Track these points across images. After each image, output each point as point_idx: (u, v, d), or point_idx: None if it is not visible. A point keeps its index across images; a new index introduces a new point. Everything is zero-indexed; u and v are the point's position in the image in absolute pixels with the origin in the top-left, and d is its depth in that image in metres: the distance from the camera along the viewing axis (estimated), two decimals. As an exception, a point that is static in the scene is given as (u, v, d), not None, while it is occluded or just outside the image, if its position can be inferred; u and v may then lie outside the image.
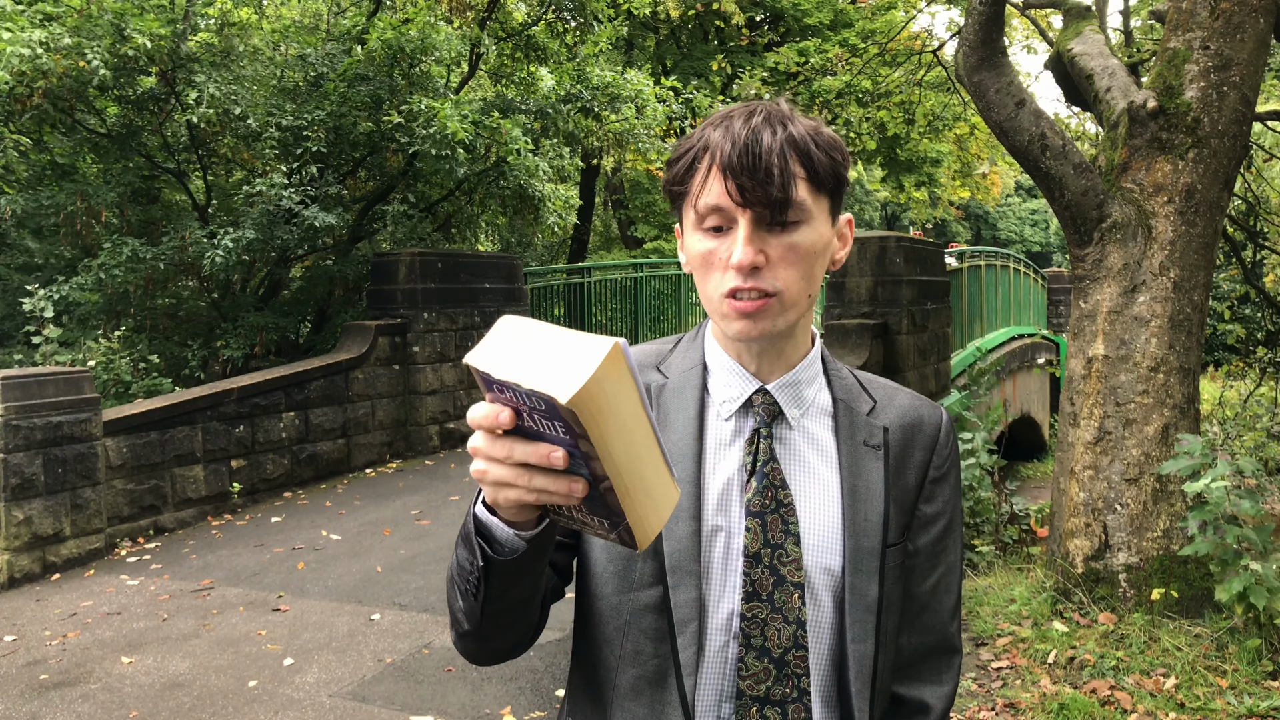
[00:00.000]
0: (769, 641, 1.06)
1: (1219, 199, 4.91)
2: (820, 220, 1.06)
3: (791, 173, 1.01)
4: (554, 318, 12.08)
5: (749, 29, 18.76)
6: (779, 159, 1.00)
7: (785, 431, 1.12)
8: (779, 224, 1.02)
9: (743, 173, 1.00)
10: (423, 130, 8.78)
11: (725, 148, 1.01)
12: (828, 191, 1.06)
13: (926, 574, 1.17)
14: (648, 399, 1.09)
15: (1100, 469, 4.86)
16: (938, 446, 1.18)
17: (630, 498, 0.82)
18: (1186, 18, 4.91)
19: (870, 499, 1.11)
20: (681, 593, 1.07)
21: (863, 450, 1.13)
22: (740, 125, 1.02)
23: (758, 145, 1.00)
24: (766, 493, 1.08)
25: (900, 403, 1.19)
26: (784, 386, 1.12)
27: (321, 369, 8.22)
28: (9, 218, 8.66)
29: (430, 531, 6.53)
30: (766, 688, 1.06)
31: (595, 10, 11.05)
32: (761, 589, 1.07)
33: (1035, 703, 3.95)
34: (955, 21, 12.69)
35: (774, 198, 1.00)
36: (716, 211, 1.03)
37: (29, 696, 4.18)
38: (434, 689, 4.14)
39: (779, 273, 1.03)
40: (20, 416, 5.83)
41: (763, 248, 1.02)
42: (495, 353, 0.80)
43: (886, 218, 53.18)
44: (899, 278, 7.43)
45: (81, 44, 7.67)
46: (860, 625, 1.09)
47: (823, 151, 1.04)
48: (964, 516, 7.07)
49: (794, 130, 1.03)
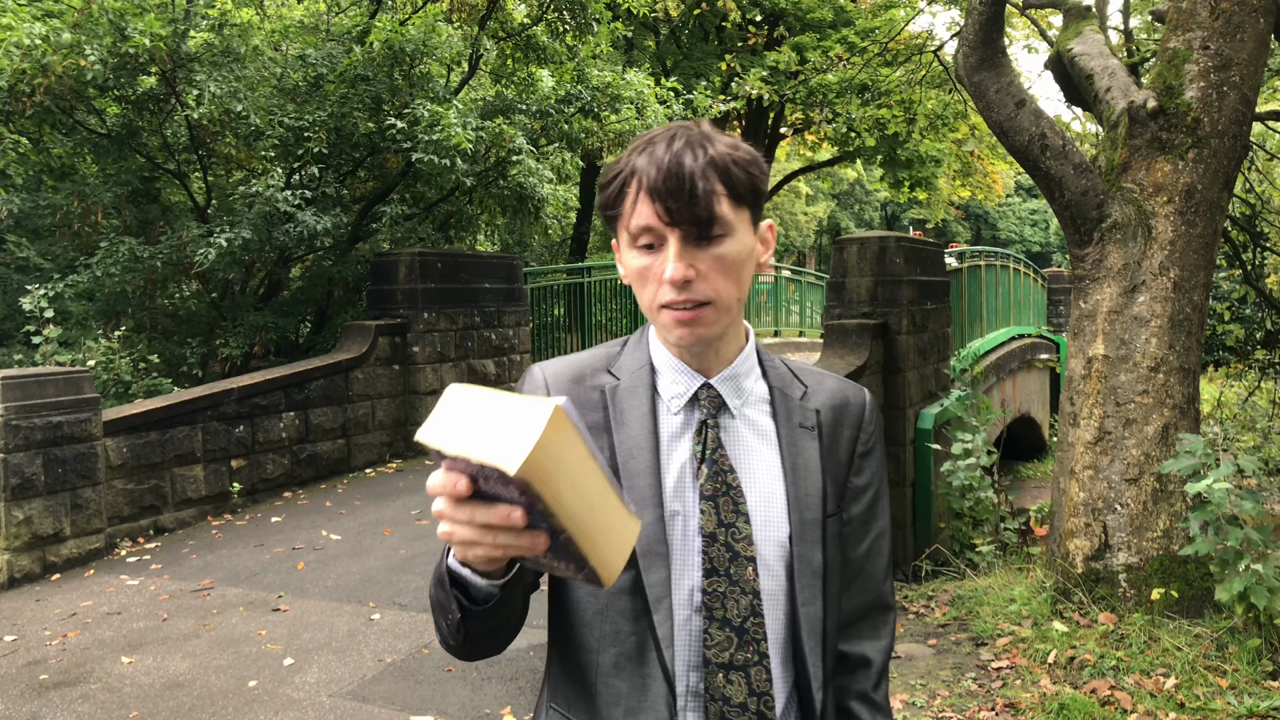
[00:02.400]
0: (729, 612, 1.16)
1: (1219, 199, 4.91)
2: (743, 231, 1.15)
3: (713, 191, 1.10)
4: (554, 317, 12.08)
5: (751, 28, 18.75)
6: (701, 180, 1.09)
7: (729, 420, 1.22)
8: (705, 239, 1.11)
9: (668, 196, 1.09)
10: (425, 136, 8.78)
11: (650, 173, 1.10)
12: (748, 205, 1.15)
13: (860, 540, 1.28)
14: (601, 402, 1.23)
15: (1100, 469, 4.86)
16: (863, 424, 1.29)
17: (591, 544, 0.88)
18: (1186, 18, 4.91)
19: (809, 474, 1.22)
20: (653, 574, 1.16)
21: (799, 431, 1.24)
22: (663, 151, 1.10)
23: (680, 169, 1.08)
24: (716, 477, 1.18)
25: (828, 386, 1.30)
26: (725, 380, 1.22)
27: (321, 369, 8.22)
28: (6, 218, 8.66)
29: (430, 532, 6.53)
30: (730, 654, 1.16)
31: (594, 10, 11.04)
32: (719, 565, 1.16)
33: (1035, 703, 3.95)
34: (955, 21, 12.69)
35: (699, 216, 1.09)
36: (648, 231, 1.12)
37: (29, 696, 4.18)
38: (434, 689, 4.14)
39: (710, 282, 1.13)
40: (20, 416, 5.83)
41: (693, 262, 1.11)
42: (445, 426, 0.85)
43: (886, 218, 53.16)
44: (899, 278, 7.43)
45: (81, 42, 7.67)
46: (809, 590, 1.19)
47: (741, 169, 1.12)
48: (964, 515, 7.08)
49: (713, 151, 1.11)
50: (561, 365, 1.28)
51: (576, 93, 10.68)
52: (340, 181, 9.84)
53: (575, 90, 10.69)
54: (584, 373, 1.26)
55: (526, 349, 10.45)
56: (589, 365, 1.27)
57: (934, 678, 4.38)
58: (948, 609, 5.40)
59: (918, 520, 7.53)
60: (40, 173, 9.56)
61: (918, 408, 7.63)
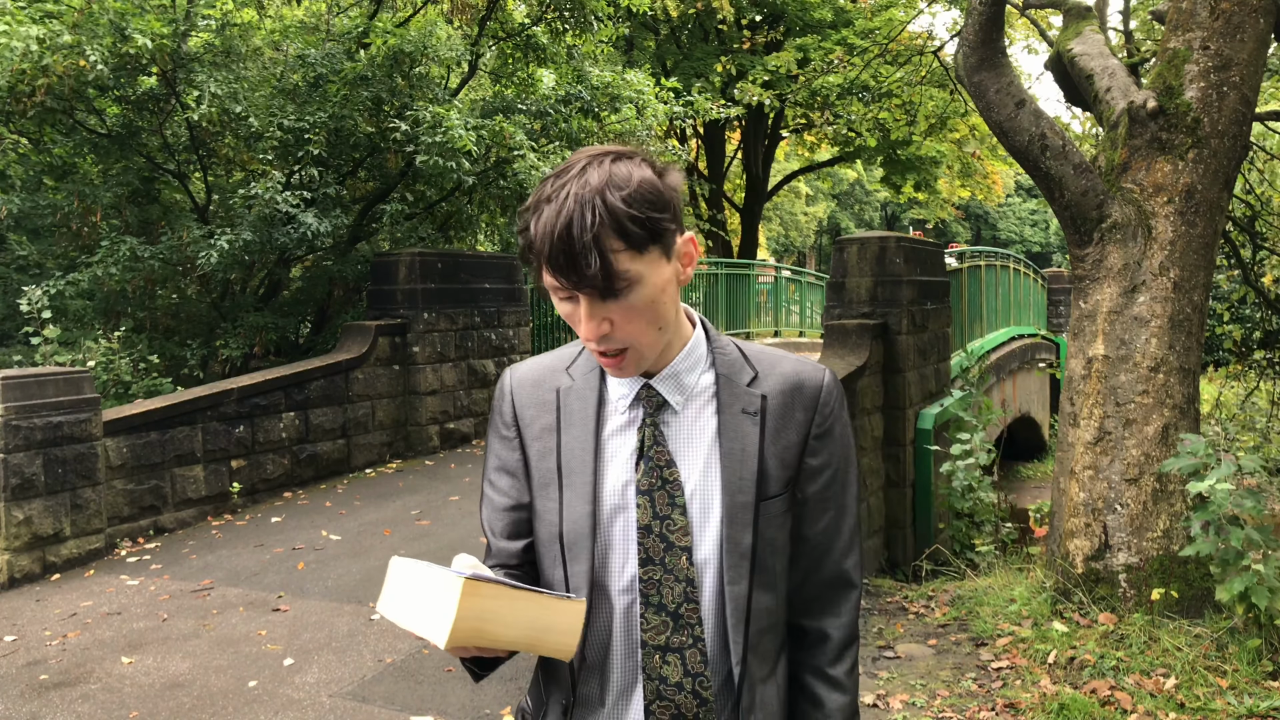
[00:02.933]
0: (664, 598, 1.23)
1: (1219, 199, 4.91)
2: (651, 273, 1.16)
3: (608, 250, 1.11)
4: (554, 318, 12.08)
5: (750, 30, 18.74)
6: (594, 247, 1.10)
7: (670, 416, 1.28)
8: (612, 295, 1.14)
9: (567, 269, 1.12)
10: (427, 138, 8.78)
11: (544, 249, 1.12)
12: (652, 244, 1.15)
13: (817, 518, 1.32)
14: (555, 404, 1.33)
15: (1100, 469, 4.86)
16: (819, 405, 1.31)
17: (540, 648, 1.12)
18: (1186, 18, 4.91)
19: (745, 458, 1.26)
20: (576, 564, 1.26)
21: (740, 417, 1.28)
22: (553, 216, 1.11)
23: (570, 243, 1.10)
24: (653, 473, 1.25)
25: (783, 369, 1.32)
26: (665, 379, 1.27)
27: (321, 369, 8.21)
28: (5, 218, 8.65)
29: (430, 532, 6.53)
30: (666, 638, 1.24)
31: (594, 10, 11.04)
32: (654, 555, 1.24)
33: (1035, 703, 3.95)
34: (956, 21, 12.69)
35: (597, 282, 1.12)
36: (559, 288, 1.17)
37: (29, 696, 4.18)
38: (434, 689, 4.14)
39: (625, 330, 1.18)
40: (20, 416, 5.83)
41: (606, 316, 1.16)
42: (394, 599, 1.12)
43: (886, 218, 53.17)
44: (899, 278, 7.43)
45: (81, 42, 7.67)
46: (735, 570, 1.24)
47: (638, 214, 1.12)
48: (964, 515, 7.08)
49: (606, 203, 1.10)
50: (526, 370, 1.37)
51: (576, 93, 10.68)
52: (340, 182, 9.84)
53: (575, 90, 10.69)
54: (543, 376, 1.35)
55: (527, 349, 10.45)
56: (549, 367, 1.35)
57: (934, 678, 4.38)
58: (948, 609, 5.40)
59: (918, 520, 7.53)
60: (41, 173, 9.56)
61: (918, 408, 7.63)
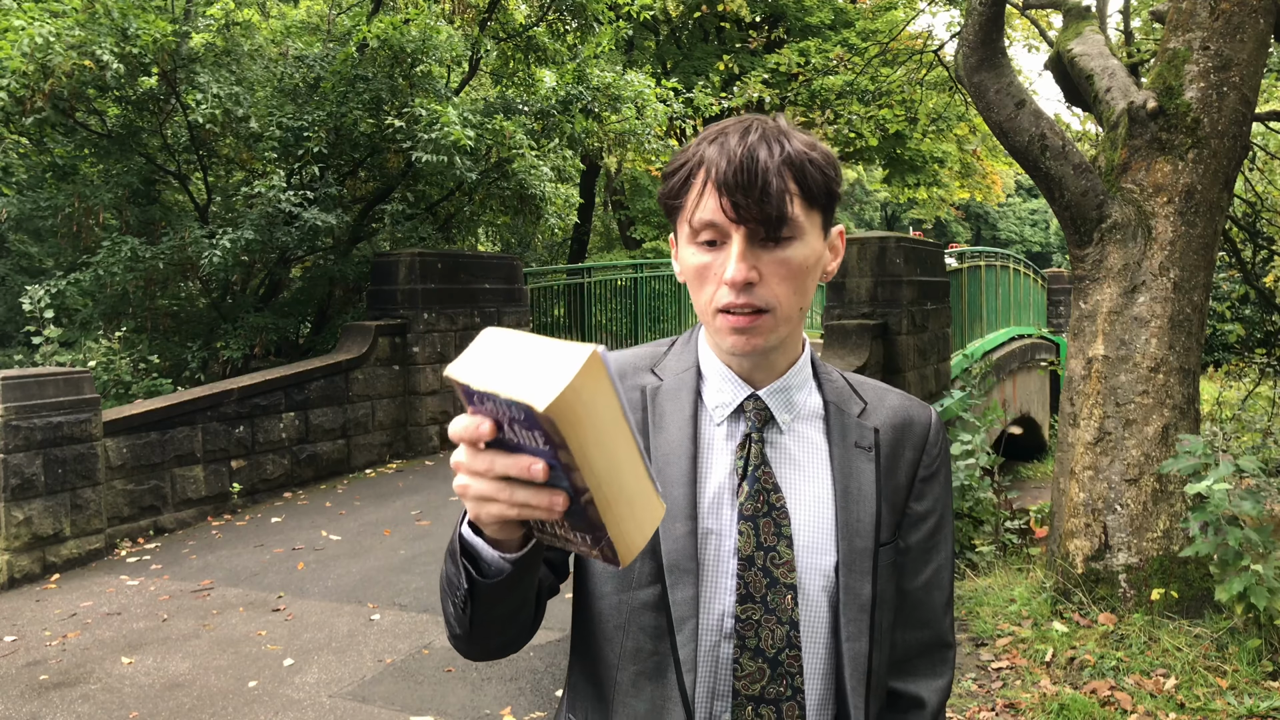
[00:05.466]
0: (763, 642, 1.08)
1: (1219, 199, 4.91)
2: (813, 235, 1.07)
3: (786, 190, 1.02)
4: (554, 318, 12.08)
5: (752, 30, 18.75)
6: (775, 177, 1.01)
7: (776, 436, 1.14)
8: (772, 240, 1.04)
9: (738, 190, 1.01)
10: (425, 135, 8.78)
11: (721, 165, 1.02)
12: (820, 207, 1.07)
13: (919, 570, 1.19)
14: (641, 403, 1.14)
15: (1100, 469, 4.86)
16: (927, 445, 1.20)
17: (611, 510, 0.82)
18: (1186, 18, 4.91)
19: (863, 500, 1.13)
20: (680, 591, 1.09)
21: (854, 452, 1.15)
22: (736, 142, 1.03)
23: (753, 163, 1.01)
24: (759, 496, 1.10)
25: (890, 403, 1.21)
26: (775, 392, 1.14)
27: (321, 369, 8.22)
28: (6, 219, 8.66)
29: (430, 532, 6.53)
30: (761, 687, 1.09)
31: (595, 11, 11.04)
32: (755, 591, 1.09)
33: (1035, 703, 3.95)
34: (955, 21, 12.69)
35: (769, 215, 1.02)
36: (710, 227, 1.05)
37: (29, 696, 4.18)
38: (434, 689, 4.14)
39: (772, 288, 1.05)
40: (20, 417, 5.84)
41: (755, 264, 1.04)
42: (475, 364, 0.80)
43: (886, 218, 53.16)
44: (899, 278, 7.43)
45: (89, 40, 7.67)
46: (854, 624, 1.11)
47: (817, 169, 1.05)
48: (964, 515, 7.08)
49: (790, 147, 1.04)
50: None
51: (577, 93, 10.69)
52: (340, 181, 9.84)
53: (576, 91, 10.70)
54: (626, 370, 1.19)
55: (527, 349, 10.42)
56: (631, 363, 1.20)
57: (934, 678, 4.37)
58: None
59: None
60: (42, 173, 9.56)
61: (918, 408, 7.62)
